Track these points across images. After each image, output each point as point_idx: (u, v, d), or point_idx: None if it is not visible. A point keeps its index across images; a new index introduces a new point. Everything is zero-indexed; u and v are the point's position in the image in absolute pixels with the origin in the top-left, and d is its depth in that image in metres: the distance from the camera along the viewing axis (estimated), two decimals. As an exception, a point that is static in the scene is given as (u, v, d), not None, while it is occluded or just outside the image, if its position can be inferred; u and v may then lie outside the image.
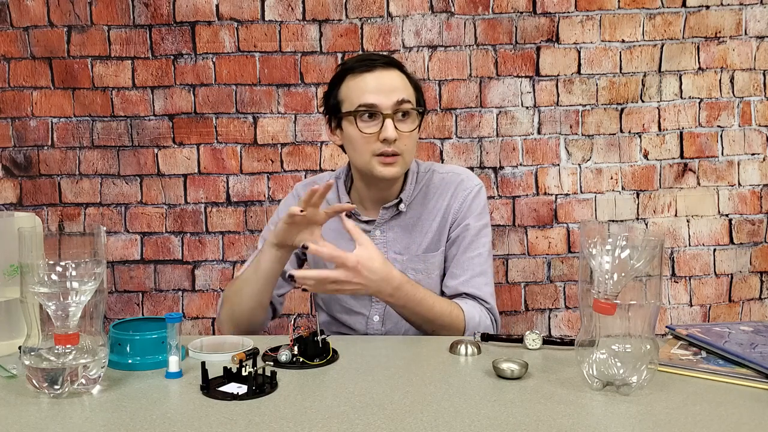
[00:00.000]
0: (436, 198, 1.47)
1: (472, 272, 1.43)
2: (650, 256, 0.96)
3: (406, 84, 1.40)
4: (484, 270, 1.44)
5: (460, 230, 1.45)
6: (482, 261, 1.44)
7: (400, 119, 1.37)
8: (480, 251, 1.44)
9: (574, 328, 2.11)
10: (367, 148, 1.37)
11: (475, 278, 1.43)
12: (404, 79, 1.40)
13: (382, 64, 1.38)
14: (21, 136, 2.09)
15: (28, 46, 2.06)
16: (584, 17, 2.05)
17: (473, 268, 1.43)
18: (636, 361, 0.96)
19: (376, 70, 1.37)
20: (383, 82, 1.36)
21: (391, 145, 1.35)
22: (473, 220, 1.45)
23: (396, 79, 1.38)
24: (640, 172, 2.09)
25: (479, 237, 1.45)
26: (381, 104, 1.35)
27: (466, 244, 1.44)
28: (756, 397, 0.96)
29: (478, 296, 1.41)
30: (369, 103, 1.35)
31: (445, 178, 1.49)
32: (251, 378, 0.97)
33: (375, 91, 1.35)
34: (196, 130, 2.10)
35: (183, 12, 2.04)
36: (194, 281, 2.13)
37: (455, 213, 1.46)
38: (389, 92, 1.35)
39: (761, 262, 2.11)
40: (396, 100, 1.35)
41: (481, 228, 1.46)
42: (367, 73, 1.37)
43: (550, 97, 2.07)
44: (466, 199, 1.46)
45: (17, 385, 1.01)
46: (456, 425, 0.86)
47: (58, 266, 0.97)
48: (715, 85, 2.07)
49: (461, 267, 1.44)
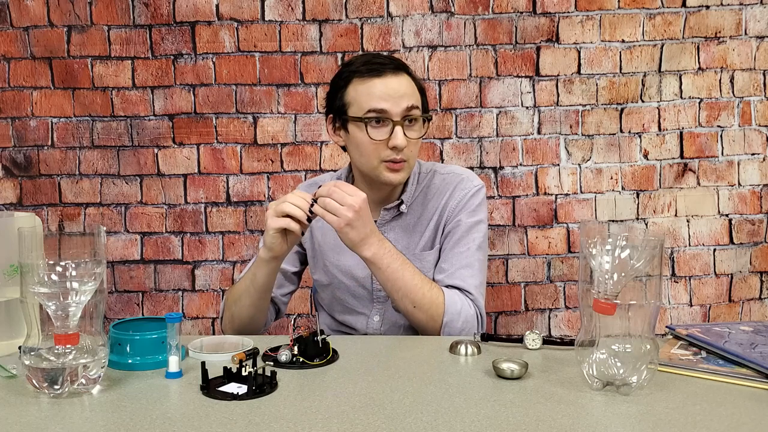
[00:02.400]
0: (436, 198, 1.47)
1: (458, 265, 1.41)
2: (650, 256, 0.96)
3: (414, 89, 1.38)
4: (470, 263, 1.41)
5: (451, 226, 1.44)
6: (469, 254, 1.42)
7: (408, 126, 1.36)
8: (469, 246, 1.42)
9: (574, 328, 2.11)
10: (375, 155, 1.36)
11: (460, 270, 1.40)
12: (412, 84, 1.39)
13: (391, 69, 1.36)
14: (21, 136, 2.09)
15: (28, 46, 2.06)
16: (584, 17, 2.05)
17: (460, 260, 1.41)
18: (636, 361, 0.96)
19: (386, 75, 1.35)
20: (393, 88, 1.35)
21: (399, 152, 1.35)
22: (465, 216, 1.44)
23: (405, 84, 1.37)
24: (640, 172, 2.09)
25: (470, 233, 1.43)
26: (391, 111, 1.34)
27: (456, 239, 1.43)
28: (756, 397, 0.96)
29: (462, 287, 1.39)
30: (379, 108, 1.34)
31: (446, 178, 1.49)
32: (251, 378, 0.97)
33: (384, 97, 1.34)
34: (196, 130, 2.10)
35: (183, 12, 2.04)
36: (194, 281, 2.13)
37: (450, 210, 1.45)
38: (399, 98, 1.34)
39: (761, 262, 2.11)
40: (405, 106, 1.34)
41: (473, 224, 1.44)
42: (377, 78, 1.35)
43: (550, 97, 2.08)
44: (463, 197, 1.45)
45: (17, 385, 1.01)
46: (456, 425, 0.85)
47: (58, 266, 0.97)
48: (715, 85, 2.07)
49: (449, 261, 1.42)
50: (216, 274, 2.13)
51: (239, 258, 2.11)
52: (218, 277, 2.12)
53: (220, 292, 2.13)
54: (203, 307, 2.13)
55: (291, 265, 1.55)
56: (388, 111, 1.34)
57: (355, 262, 1.46)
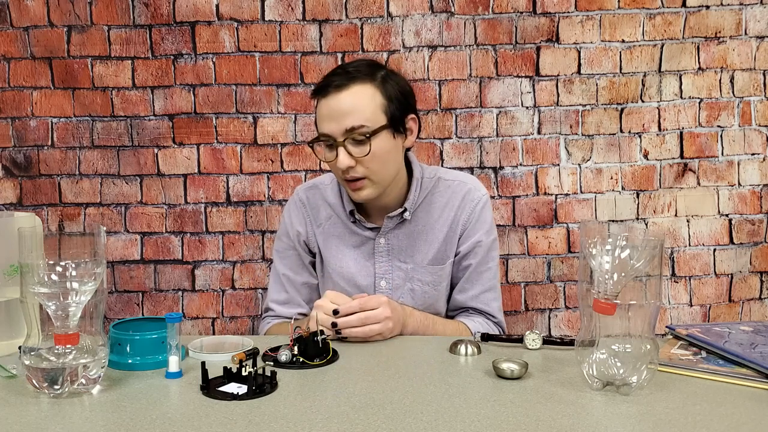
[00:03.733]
0: (441, 207, 1.46)
1: (482, 287, 1.43)
2: (650, 256, 0.96)
3: (361, 104, 1.31)
4: (493, 285, 1.45)
5: (470, 245, 1.44)
6: (491, 276, 1.45)
7: (355, 144, 1.31)
8: (490, 265, 1.45)
9: (574, 328, 2.10)
10: (337, 174, 1.37)
11: (484, 294, 1.43)
12: (360, 98, 1.31)
13: (335, 87, 1.31)
14: (21, 136, 2.09)
15: (28, 46, 2.06)
16: (584, 17, 2.05)
17: (483, 283, 1.44)
18: (636, 361, 0.96)
19: (329, 95, 1.32)
20: (333, 108, 1.31)
21: (348, 172, 1.33)
22: (485, 236, 1.45)
23: (347, 101, 1.30)
24: (640, 172, 2.09)
25: (490, 252, 1.46)
26: (333, 132, 1.31)
27: (479, 260, 1.44)
28: (756, 397, 0.96)
29: (486, 311, 1.42)
30: (323, 132, 1.33)
31: (451, 186, 1.47)
32: (251, 378, 0.97)
33: (327, 119, 1.32)
34: (196, 130, 2.09)
35: (183, 12, 2.04)
36: (194, 281, 2.13)
37: (464, 225, 1.44)
38: (339, 118, 1.30)
39: (761, 262, 2.11)
40: (346, 128, 1.30)
41: (492, 243, 1.46)
42: (323, 99, 1.33)
43: (550, 97, 2.07)
44: (474, 210, 1.44)
45: (17, 385, 1.01)
46: (456, 425, 0.86)
47: (58, 266, 0.97)
48: (715, 85, 2.07)
49: (470, 282, 1.44)
50: (216, 274, 2.12)
51: (239, 258, 2.11)
52: (218, 277, 2.12)
53: (220, 292, 2.13)
54: (203, 307, 2.13)
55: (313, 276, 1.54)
56: (330, 134, 1.32)
57: (357, 269, 1.46)
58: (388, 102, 1.34)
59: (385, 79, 1.36)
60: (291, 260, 1.51)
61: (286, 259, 1.51)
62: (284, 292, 1.50)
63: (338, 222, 1.48)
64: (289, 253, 1.51)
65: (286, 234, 1.52)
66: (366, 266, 1.46)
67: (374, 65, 1.39)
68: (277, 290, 1.51)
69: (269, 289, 1.54)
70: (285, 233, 1.53)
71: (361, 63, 1.39)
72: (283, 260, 1.52)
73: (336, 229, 1.48)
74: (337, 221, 1.48)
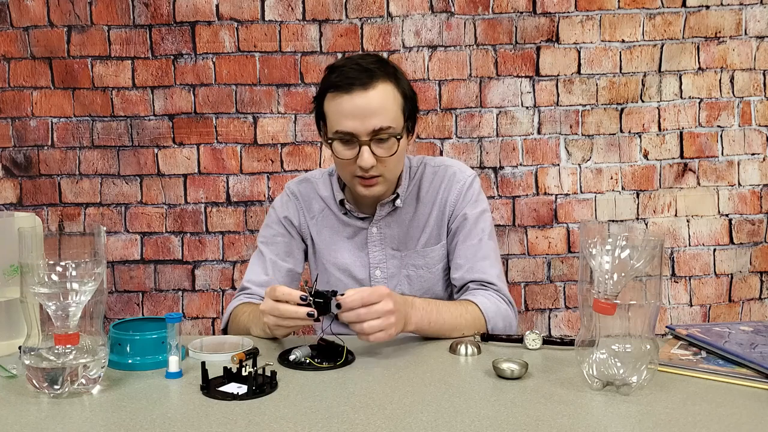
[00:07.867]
0: (429, 191, 1.47)
1: (475, 258, 1.42)
2: (650, 256, 0.96)
3: (387, 104, 1.30)
4: (486, 254, 1.42)
5: (458, 221, 1.44)
6: (483, 245, 1.42)
7: (378, 144, 1.31)
8: (480, 237, 1.43)
9: (574, 328, 2.10)
10: (348, 170, 1.35)
11: (478, 263, 1.41)
12: (386, 98, 1.30)
13: (360, 85, 1.28)
14: (21, 136, 2.09)
15: (28, 46, 2.06)
16: (584, 17, 2.05)
17: (475, 254, 1.42)
18: (636, 361, 0.96)
19: (354, 92, 1.27)
20: (359, 107, 1.27)
21: (369, 170, 1.32)
22: (469, 209, 1.44)
23: (375, 100, 1.28)
24: (640, 172, 2.09)
25: (477, 224, 1.43)
26: (357, 131, 1.29)
27: (466, 232, 1.43)
28: (756, 397, 0.96)
29: (484, 280, 1.39)
30: (345, 131, 1.30)
31: (437, 171, 1.48)
32: (251, 378, 0.97)
33: (351, 117, 1.29)
34: (196, 130, 2.10)
35: (183, 12, 2.04)
36: (194, 281, 2.13)
37: (452, 204, 1.44)
38: (366, 118, 1.28)
39: (761, 262, 2.11)
40: (373, 128, 1.29)
41: (479, 215, 1.44)
42: (345, 95, 1.29)
43: (550, 97, 2.08)
44: (461, 190, 1.45)
45: (17, 385, 1.01)
46: (456, 425, 0.85)
47: (58, 266, 0.97)
48: (715, 85, 2.07)
49: (464, 256, 1.42)
50: (216, 274, 2.12)
51: (239, 258, 2.11)
52: (218, 277, 2.12)
53: (220, 292, 2.13)
54: (203, 307, 2.13)
55: (299, 265, 1.53)
56: (354, 132, 1.29)
57: (352, 260, 1.46)
58: (405, 101, 1.35)
59: (398, 76, 1.36)
60: (278, 246, 1.50)
61: (273, 245, 1.51)
62: (264, 274, 1.49)
63: (331, 214, 1.49)
64: (278, 239, 1.51)
65: (276, 222, 1.52)
66: (360, 256, 1.47)
67: (383, 61, 1.39)
68: (258, 272, 1.50)
69: (248, 270, 1.51)
70: (275, 221, 1.52)
71: (371, 58, 1.38)
72: (269, 246, 1.51)
73: (329, 221, 1.48)
74: (330, 214, 1.49)
